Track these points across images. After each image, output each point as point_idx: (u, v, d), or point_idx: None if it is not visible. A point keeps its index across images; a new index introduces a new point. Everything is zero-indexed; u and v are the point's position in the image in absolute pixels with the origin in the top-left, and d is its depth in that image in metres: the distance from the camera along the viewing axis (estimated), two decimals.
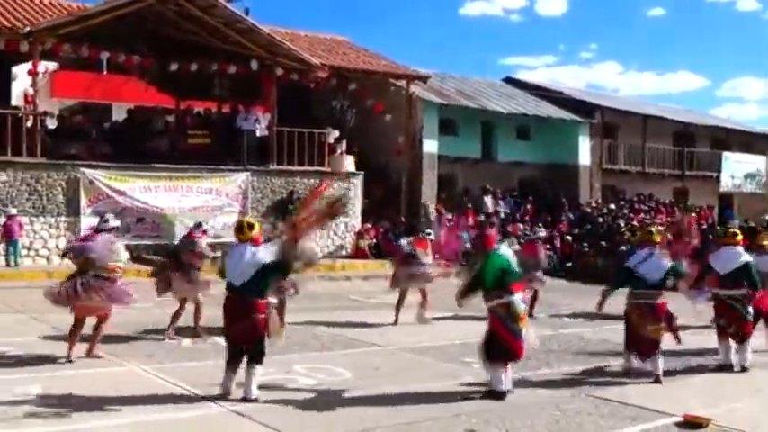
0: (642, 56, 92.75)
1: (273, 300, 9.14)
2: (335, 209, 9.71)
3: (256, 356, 8.83)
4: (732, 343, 11.41)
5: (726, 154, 38.59)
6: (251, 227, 9.30)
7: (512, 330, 9.28)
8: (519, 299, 9.40)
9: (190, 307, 12.51)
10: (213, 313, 11.17)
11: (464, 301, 9.77)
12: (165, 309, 12.87)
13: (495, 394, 9.18)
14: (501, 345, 9.28)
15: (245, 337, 8.84)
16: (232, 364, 8.88)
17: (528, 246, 16.82)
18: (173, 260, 12.82)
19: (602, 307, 10.72)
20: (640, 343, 10.42)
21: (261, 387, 8.88)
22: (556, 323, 15.36)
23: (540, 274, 16.24)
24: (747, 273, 11.51)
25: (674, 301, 11.18)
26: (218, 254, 11.45)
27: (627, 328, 10.72)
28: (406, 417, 8.33)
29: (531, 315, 15.40)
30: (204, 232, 13.70)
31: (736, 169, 39.05)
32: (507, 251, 9.80)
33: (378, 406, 8.74)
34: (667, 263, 10.54)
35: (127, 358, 10.75)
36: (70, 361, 10.36)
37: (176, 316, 12.45)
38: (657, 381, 10.18)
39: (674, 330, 10.65)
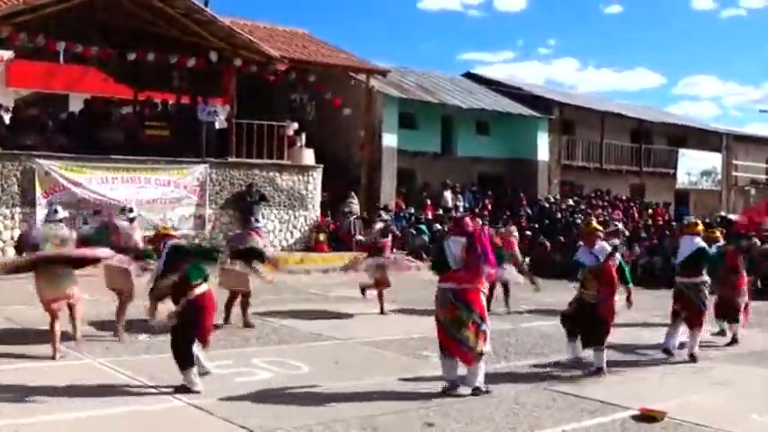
0: (600, 53, 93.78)
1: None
2: None
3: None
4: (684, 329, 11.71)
5: (682, 151, 39.13)
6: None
7: (438, 321, 9.41)
8: (443, 287, 9.37)
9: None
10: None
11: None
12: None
13: (477, 390, 9.19)
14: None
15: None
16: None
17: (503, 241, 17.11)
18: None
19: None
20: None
21: (219, 380, 8.84)
22: (514, 318, 15.43)
23: (510, 268, 16.36)
24: (703, 258, 11.85)
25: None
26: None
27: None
28: (365, 410, 8.33)
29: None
30: (132, 220, 13.36)
31: (692, 166, 39.64)
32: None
33: (337, 399, 8.73)
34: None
35: (83, 352, 10.65)
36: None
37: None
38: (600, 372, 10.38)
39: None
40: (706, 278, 11.96)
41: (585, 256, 10.80)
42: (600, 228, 11.63)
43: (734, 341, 13.24)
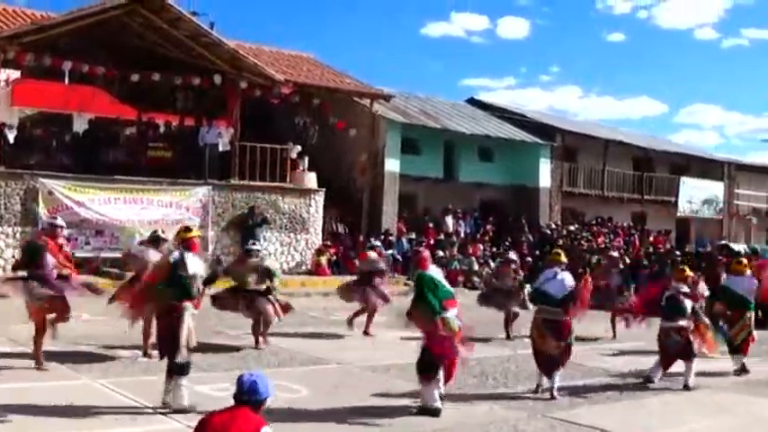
0: (602, 80, 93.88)
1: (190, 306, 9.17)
2: None
3: (176, 368, 8.86)
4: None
5: (684, 179, 39.15)
6: (188, 229, 9.72)
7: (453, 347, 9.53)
8: (452, 315, 9.55)
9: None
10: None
11: (410, 321, 10.02)
12: (120, 322, 12.69)
13: (429, 411, 9.27)
14: (434, 360, 9.47)
15: (163, 341, 9.00)
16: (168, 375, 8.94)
17: (501, 268, 17.27)
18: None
19: None
20: (544, 360, 10.81)
21: (218, 403, 8.81)
22: (514, 344, 15.40)
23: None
24: None
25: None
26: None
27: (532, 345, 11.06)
28: None
29: (507, 336, 15.89)
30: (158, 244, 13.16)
31: (693, 195, 39.63)
32: (436, 270, 10.13)
33: (335, 424, 8.72)
34: (570, 282, 10.88)
35: (82, 372, 10.64)
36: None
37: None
38: (552, 397, 10.46)
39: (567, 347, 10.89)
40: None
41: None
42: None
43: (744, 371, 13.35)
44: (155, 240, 12.90)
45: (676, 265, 17.18)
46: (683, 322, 11.90)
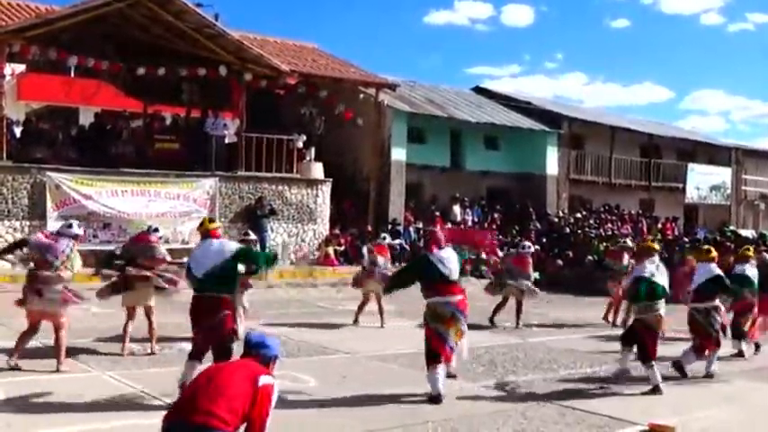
0: (607, 67, 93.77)
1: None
2: None
3: (223, 356, 8.82)
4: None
5: (691, 166, 39.04)
6: (212, 220, 9.87)
7: (437, 333, 9.52)
8: (440, 301, 9.57)
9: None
10: (178, 319, 11.19)
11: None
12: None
13: (431, 398, 9.32)
14: (430, 347, 9.54)
15: (212, 337, 8.89)
16: (192, 362, 8.91)
17: (517, 258, 17.01)
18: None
19: None
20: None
21: None
22: (523, 332, 15.42)
23: (529, 284, 16.51)
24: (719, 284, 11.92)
25: None
26: (184, 260, 10.98)
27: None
28: (371, 424, 8.32)
29: (517, 325, 15.86)
30: (160, 238, 12.96)
31: (701, 181, 39.57)
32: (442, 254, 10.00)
33: (343, 413, 8.73)
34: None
35: (92, 364, 10.67)
36: (17, 368, 10.06)
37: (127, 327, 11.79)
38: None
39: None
40: (717, 303, 11.92)
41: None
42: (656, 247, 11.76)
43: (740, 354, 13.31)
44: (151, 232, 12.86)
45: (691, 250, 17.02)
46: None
